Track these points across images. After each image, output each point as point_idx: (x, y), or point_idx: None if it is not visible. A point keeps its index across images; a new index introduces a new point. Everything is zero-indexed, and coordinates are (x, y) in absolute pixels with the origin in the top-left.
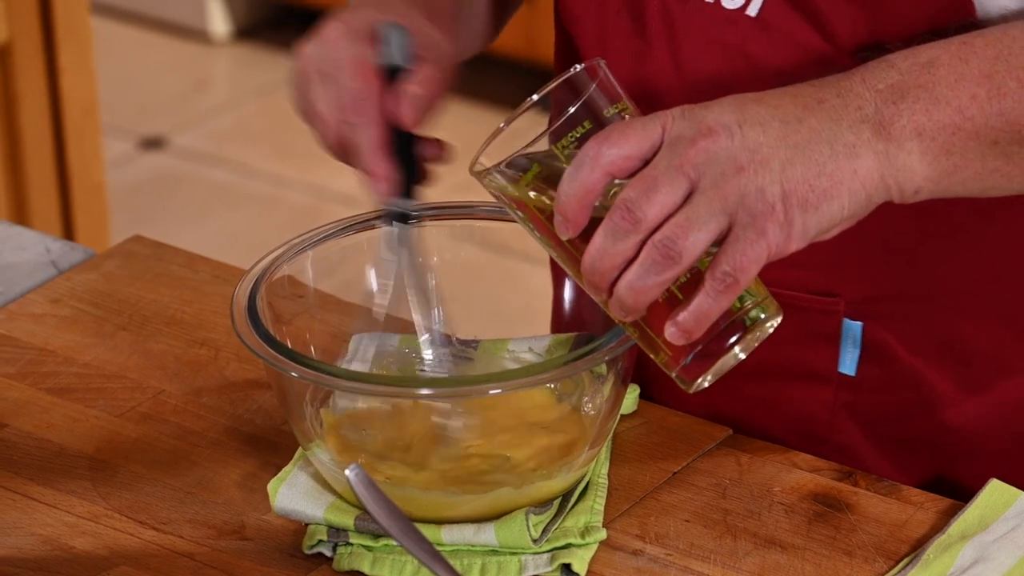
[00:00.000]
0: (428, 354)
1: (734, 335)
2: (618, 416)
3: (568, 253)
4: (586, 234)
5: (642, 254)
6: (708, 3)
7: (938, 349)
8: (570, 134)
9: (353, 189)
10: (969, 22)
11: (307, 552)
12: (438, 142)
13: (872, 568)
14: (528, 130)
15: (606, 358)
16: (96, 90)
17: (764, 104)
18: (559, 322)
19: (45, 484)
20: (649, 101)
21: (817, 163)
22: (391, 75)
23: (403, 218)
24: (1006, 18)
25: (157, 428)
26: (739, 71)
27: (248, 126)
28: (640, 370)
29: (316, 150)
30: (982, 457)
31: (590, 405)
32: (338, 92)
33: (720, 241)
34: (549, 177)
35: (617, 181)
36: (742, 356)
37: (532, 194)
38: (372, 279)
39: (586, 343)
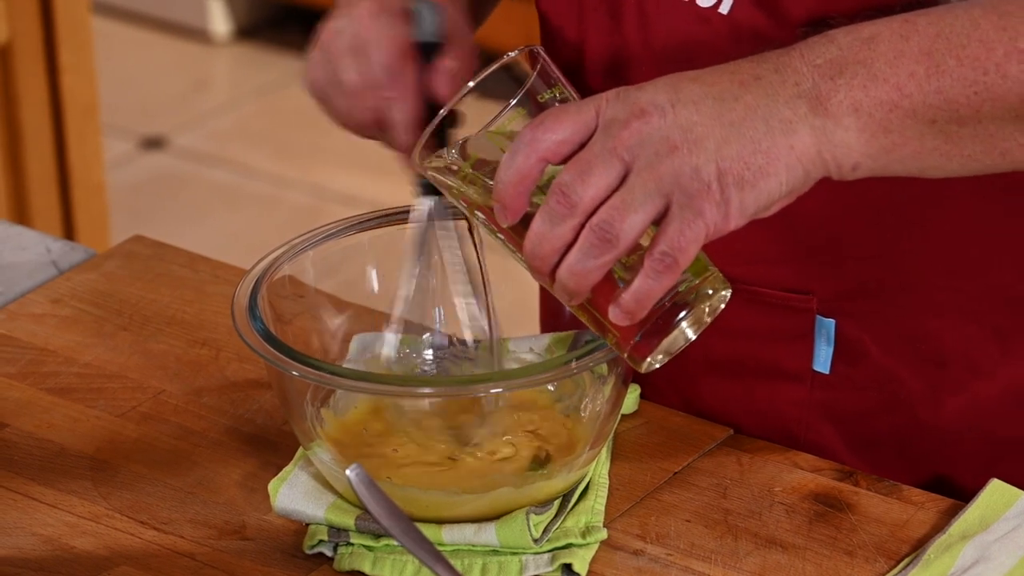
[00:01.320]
0: (428, 354)
1: (680, 312)
2: (619, 416)
3: (514, 240)
4: (528, 221)
5: (580, 238)
6: (683, 1)
7: (910, 348)
8: (506, 120)
9: (354, 189)
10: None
11: (308, 552)
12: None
13: (873, 568)
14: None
15: (607, 358)
16: (97, 90)
17: (700, 82)
18: (547, 320)
19: (46, 484)
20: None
21: (752, 140)
22: (425, 52)
23: (435, 190)
24: None
25: (158, 428)
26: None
27: (249, 126)
28: None
29: (317, 150)
30: (957, 458)
31: (591, 405)
32: (371, 67)
33: (659, 221)
34: (488, 165)
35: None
36: (691, 334)
37: (472, 183)
38: (374, 279)
39: (585, 341)
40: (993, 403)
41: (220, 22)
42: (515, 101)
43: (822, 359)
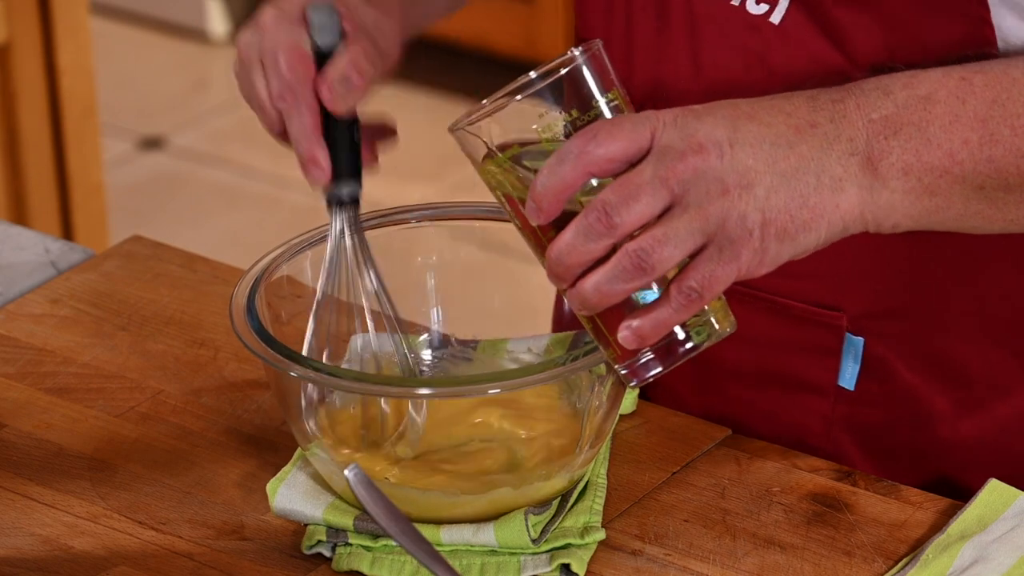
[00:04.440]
0: (427, 354)
1: (685, 344)
2: (617, 416)
3: (535, 236)
4: (555, 221)
5: (614, 259)
6: (734, 6)
7: (937, 368)
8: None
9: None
10: (989, 54)
11: (306, 552)
12: (383, 125)
13: (871, 568)
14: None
15: (606, 358)
16: (95, 90)
17: (756, 121)
18: (560, 320)
19: (44, 484)
20: (666, 101)
21: (801, 194)
22: (323, 58)
23: (341, 203)
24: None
25: (156, 428)
26: (757, 78)
27: (248, 126)
28: None
29: None
30: (974, 472)
31: (590, 405)
32: (274, 78)
33: (691, 254)
34: (529, 159)
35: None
36: (680, 363)
37: (508, 172)
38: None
39: (584, 342)
40: (1015, 423)
41: (219, 22)
42: (560, 113)
43: (848, 375)
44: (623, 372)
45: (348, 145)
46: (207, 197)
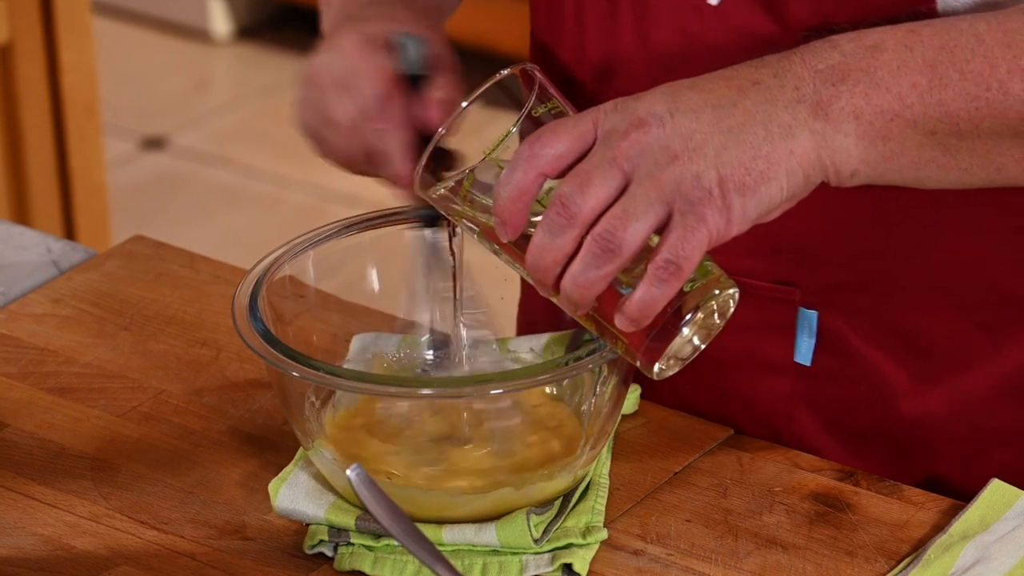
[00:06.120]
0: (428, 354)
1: (686, 316)
2: (619, 416)
3: (516, 256)
4: (529, 237)
5: (583, 248)
6: None
7: (894, 340)
8: (503, 138)
9: (355, 189)
10: (928, 11)
11: (308, 552)
12: (451, 151)
13: (873, 568)
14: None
15: (608, 358)
16: (97, 90)
17: (697, 90)
18: (523, 325)
19: (46, 484)
20: (616, 80)
21: (752, 146)
22: (411, 84)
23: (435, 220)
24: (958, 11)
25: (158, 428)
26: (700, 59)
27: (250, 126)
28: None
29: None
30: (942, 450)
31: (591, 405)
32: (360, 100)
33: (661, 230)
34: (487, 184)
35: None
36: (699, 340)
37: (472, 203)
38: (374, 279)
39: (583, 340)
40: (977, 395)
41: (221, 22)
42: (515, 129)
43: (804, 351)
44: (639, 362)
45: (440, 162)
46: (209, 197)
